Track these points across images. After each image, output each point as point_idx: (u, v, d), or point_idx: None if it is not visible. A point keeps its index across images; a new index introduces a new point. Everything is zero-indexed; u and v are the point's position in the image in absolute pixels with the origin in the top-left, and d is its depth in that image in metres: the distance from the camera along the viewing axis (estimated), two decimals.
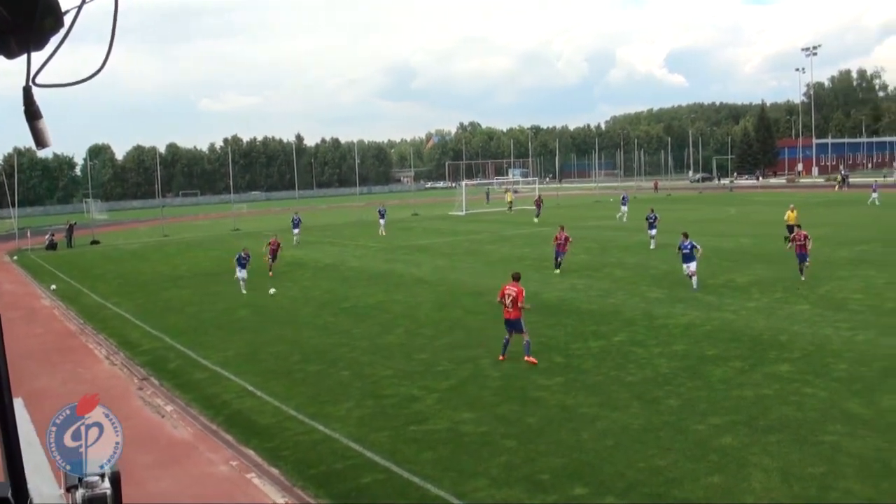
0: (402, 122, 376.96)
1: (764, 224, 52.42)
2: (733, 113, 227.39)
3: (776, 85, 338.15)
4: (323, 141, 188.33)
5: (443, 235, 52.67)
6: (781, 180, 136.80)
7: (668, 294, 26.43)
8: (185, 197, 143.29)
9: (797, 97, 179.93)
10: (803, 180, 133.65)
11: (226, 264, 40.50)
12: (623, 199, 62.54)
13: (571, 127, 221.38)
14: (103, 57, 1.99)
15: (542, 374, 17.30)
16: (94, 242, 59.98)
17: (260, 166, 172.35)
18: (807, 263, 28.00)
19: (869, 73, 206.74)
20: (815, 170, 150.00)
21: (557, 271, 32.26)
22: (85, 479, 2.70)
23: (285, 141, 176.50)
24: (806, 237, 27.97)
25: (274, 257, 34.83)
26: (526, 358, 17.95)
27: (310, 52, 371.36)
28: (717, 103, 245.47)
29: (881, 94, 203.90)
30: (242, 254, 30.84)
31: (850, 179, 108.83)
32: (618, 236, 45.94)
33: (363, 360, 19.17)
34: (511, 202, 79.85)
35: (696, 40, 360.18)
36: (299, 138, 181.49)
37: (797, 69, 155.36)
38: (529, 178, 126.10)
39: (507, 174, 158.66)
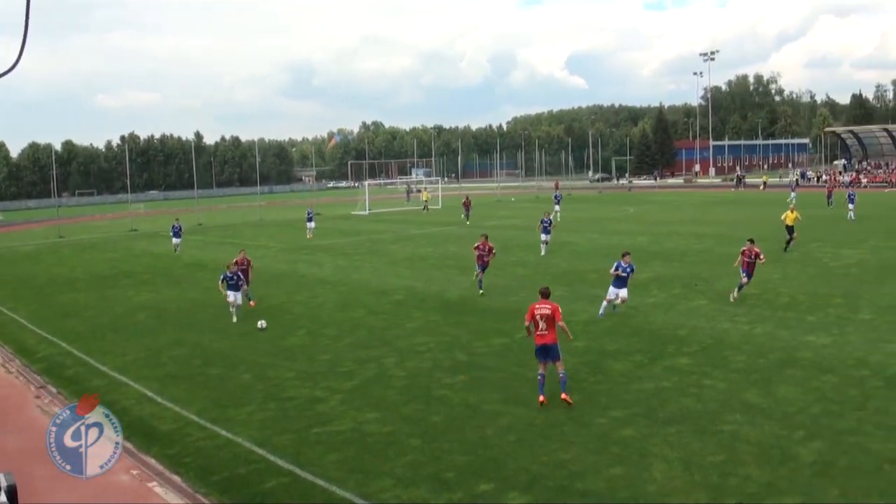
0: (304, 120, 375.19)
1: (661, 223, 53.77)
2: (632, 115, 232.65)
3: (674, 88, 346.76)
4: (223, 139, 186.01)
5: (345, 235, 52.43)
6: (679, 180, 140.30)
7: (569, 291, 26.80)
8: (81, 196, 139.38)
9: (695, 100, 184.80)
10: (700, 180, 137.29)
11: (124, 265, 39.58)
12: (556, 198, 62.57)
13: (474, 127, 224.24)
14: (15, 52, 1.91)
15: (447, 372, 17.36)
16: None
17: (158, 165, 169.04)
18: (747, 282, 24.53)
19: (766, 78, 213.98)
20: (712, 170, 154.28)
21: (482, 292, 27.15)
22: None
23: (184, 139, 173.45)
24: (758, 255, 24.30)
25: (245, 277, 26.19)
26: (563, 396, 14.80)
27: (208, 47, 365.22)
28: (617, 105, 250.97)
29: (777, 98, 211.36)
30: (229, 273, 24.44)
31: (746, 180, 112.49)
32: (519, 235, 46.41)
33: (265, 363, 18.90)
34: (427, 201, 79.54)
35: (596, 43, 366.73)
36: (198, 136, 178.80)
37: (695, 73, 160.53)
38: (432, 178, 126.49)
39: (411, 174, 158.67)
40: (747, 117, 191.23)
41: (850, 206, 50.45)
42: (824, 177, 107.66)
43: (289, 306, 26.29)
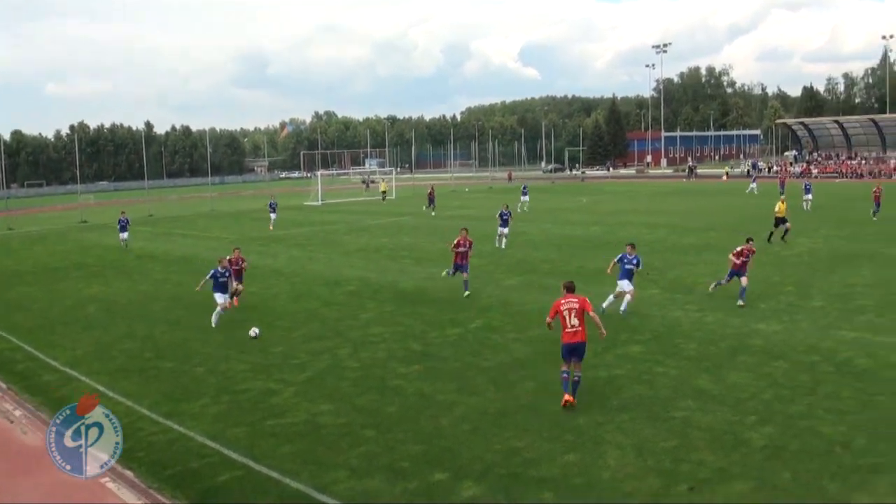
0: (256, 110, 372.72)
1: (614, 213, 54.29)
2: (585, 106, 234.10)
3: (627, 80, 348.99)
4: (173, 129, 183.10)
5: (299, 226, 51.99)
6: (631, 171, 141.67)
7: (523, 281, 26.95)
8: (30, 188, 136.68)
9: (647, 92, 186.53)
10: (653, 171, 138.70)
11: (74, 257, 38.98)
12: (523, 189, 62.46)
13: (427, 117, 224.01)
14: None
15: (401, 362, 17.34)
16: None
17: (108, 155, 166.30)
18: (743, 282, 22.30)
19: (717, 70, 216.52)
20: (664, 161, 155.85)
21: (468, 293, 24.82)
22: None
23: (134, 128, 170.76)
24: (753, 254, 22.74)
25: (239, 278, 24.10)
26: (568, 397, 13.90)
27: (161, 35, 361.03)
28: (570, 96, 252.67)
29: (729, 90, 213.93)
30: (219, 269, 21.84)
31: (699, 170, 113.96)
32: (474, 225, 46.22)
33: (218, 355, 18.70)
34: (385, 192, 79.00)
35: (549, 35, 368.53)
36: (149, 126, 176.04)
37: (647, 65, 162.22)
38: (386, 168, 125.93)
39: (364, 164, 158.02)
40: (699, 109, 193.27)
41: (807, 196, 51.16)
42: (775, 167, 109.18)
43: (242, 298, 26.02)
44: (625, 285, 21.06)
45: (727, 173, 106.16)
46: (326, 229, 49.31)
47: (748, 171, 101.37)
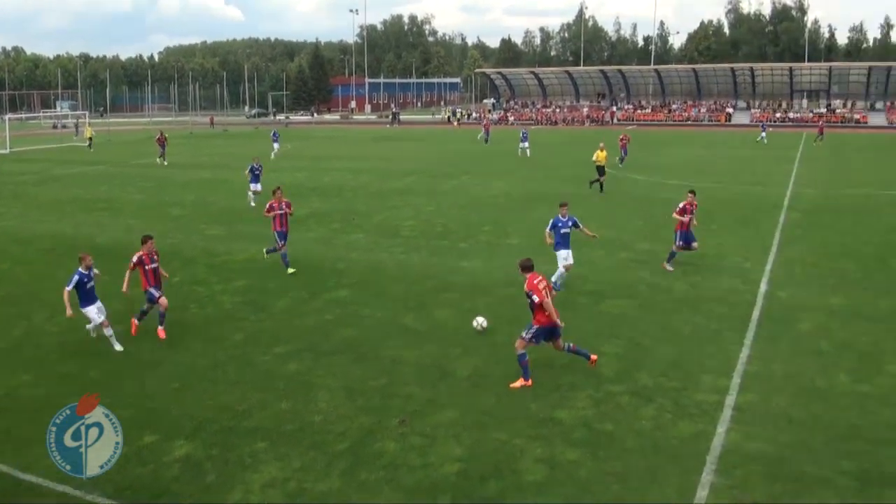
0: None
1: (319, 159, 54.61)
2: (289, 50, 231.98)
3: (332, 25, 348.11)
4: None
5: None
6: (336, 116, 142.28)
7: (228, 231, 26.53)
8: None
9: (351, 38, 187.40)
10: (357, 117, 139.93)
11: None
12: (274, 135, 61.14)
13: (123, 57, 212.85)
14: None
15: None
16: None
17: None
18: (694, 245, 20.11)
19: (420, 18, 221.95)
20: (367, 107, 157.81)
21: (292, 270, 20.22)
22: None
23: None
24: (695, 208, 20.18)
25: (158, 285, 16.07)
26: (594, 358, 13.15)
27: None
28: (273, 39, 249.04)
29: (431, 39, 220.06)
30: (81, 271, 14.95)
31: (402, 117, 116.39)
32: (173, 174, 45.00)
33: None
34: (91, 137, 73.03)
35: None
36: None
37: (351, 10, 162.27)
38: (79, 112, 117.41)
39: (55, 107, 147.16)
40: (402, 56, 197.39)
41: (524, 143, 53.50)
42: (474, 114, 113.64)
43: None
44: (566, 256, 18.19)
45: (459, 121, 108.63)
46: (15, 180, 45.52)
47: (487, 118, 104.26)
